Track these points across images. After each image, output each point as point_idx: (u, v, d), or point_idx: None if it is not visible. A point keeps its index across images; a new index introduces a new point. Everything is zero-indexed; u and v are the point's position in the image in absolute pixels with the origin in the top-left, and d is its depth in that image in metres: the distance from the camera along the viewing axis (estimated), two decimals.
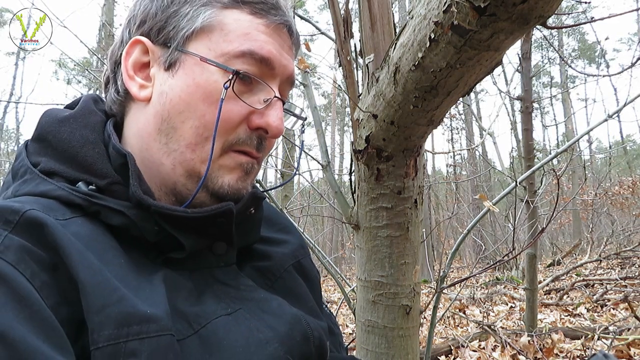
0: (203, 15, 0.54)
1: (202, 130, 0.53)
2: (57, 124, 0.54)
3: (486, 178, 12.91)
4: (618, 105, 2.61)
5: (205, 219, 0.52)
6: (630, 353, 2.99)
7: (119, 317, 0.41)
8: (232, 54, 0.54)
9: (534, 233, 4.02)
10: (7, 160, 13.61)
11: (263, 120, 0.56)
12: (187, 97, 0.53)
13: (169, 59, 0.55)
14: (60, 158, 0.52)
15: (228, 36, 0.54)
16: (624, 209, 10.59)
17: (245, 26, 0.55)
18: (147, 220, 0.50)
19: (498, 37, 0.75)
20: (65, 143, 0.52)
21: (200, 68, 0.54)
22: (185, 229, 0.52)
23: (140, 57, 0.56)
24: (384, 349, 1.26)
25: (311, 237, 3.92)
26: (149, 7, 0.56)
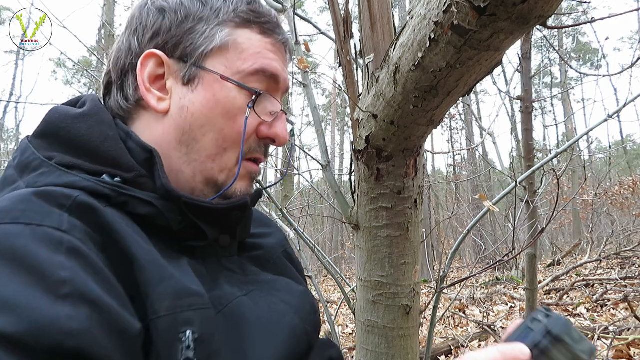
0: (220, 35, 0.59)
1: (222, 142, 0.59)
2: (71, 120, 0.56)
3: (486, 178, 12.91)
4: (618, 105, 2.61)
5: (226, 211, 0.59)
6: (630, 353, 2.99)
7: (175, 290, 0.47)
8: (247, 72, 0.60)
9: (534, 233, 4.02)
10: (7, 160, 13.62)
11: (272, 131, 0.63)
12: (208, 112, 0.58)
13: (188, 75, 0.59)
14: (77, 152, 0.54)
15: (242, 55, 0.60)
16: (624, 209, 10.59)
17: (257, 45, 0.61)
18: (172, 210, 0.54)
19: (498, 37, 0.75)
20: (83, 138, 0.54)
21: (220, 85, 0.59)
22: (207, 219, 0.57)
23: (155, 70, 0.60)
24: (384, 349, 1.26)
25: (311, 237, 3.92)
26: (161, 20, 0.60)
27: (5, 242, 0.40)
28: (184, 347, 0.45)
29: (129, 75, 0.61)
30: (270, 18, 0.64)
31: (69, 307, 0.38)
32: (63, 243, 0.42)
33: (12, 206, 0.44)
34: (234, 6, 0.61)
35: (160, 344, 0.45)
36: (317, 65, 16.53)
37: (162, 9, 0.60)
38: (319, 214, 9.32)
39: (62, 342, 0.37)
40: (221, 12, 0.60)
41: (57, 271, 0.40)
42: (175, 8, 0.60)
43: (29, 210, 0.44)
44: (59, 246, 0.42)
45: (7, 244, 0.40)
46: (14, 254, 0.40)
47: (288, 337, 0.56)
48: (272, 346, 0.54)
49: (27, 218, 0.43)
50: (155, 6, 0.61)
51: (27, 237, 0.41)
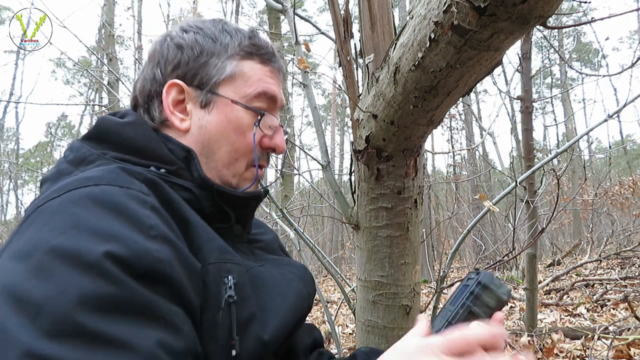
0: (229, 67, 0.74)
1: (234, 153, 0.74)
2: (120, 126, 0.69)
3: (486, 178, 12.90)
4: (618, 105, 2.61)
5: (246, 199, 0.74)
6: (630, 353, 2.99)
7: (219, 247, 0.63)
8: (252, 95, 0.75)
9: (534, 233, 4.02)
10: (7, 160, 13.60)
11: (272, 142, 0.78)
12: (222, 130, 0.73)
13: (204, 100, 0.74)
14: (126, 150, 0.67)
15: (247, 82, 0.75)
16: (624, 209, 10.58)
17: (258, 73, 0.76)
18: (205, 197, 0.69)
19: (498, 37, 0.75)
20: (131, 140, 0.68)
21: (231, 107, 0.73)
22: (231, 205, 0.72)
23: (177, 96, 0.74)
24: (384, 349, 1.26)
25: (311, 237, 3.91)
26: (180, 55, 0.74)
27: (107, 196, 0.54)
28: (227, 288, 0.60)
29: (154, 100, 0.75)
30: (268, 49, 0.78)
31: (157, 244, 0.53)
32: (147, 202, 0.57)
33: (105, 175, 0.58)
34: (239, 41, 0.75)
35: (211, 283, 0.59)
36: (317, 65, 16.53)
37: (180, 46, 0.74)
38: (319, 214, 9.32)
39: (154, 265, 0.51)
40: (229, 47, 0.75)
41: (147, 219, 0.54)
42: (191, 45, 0.74)
43: (119, 178, 0.58)
44: (144, 204, 0.56)
45: (108, 198, 0.54)
46: (115, 205, 0.53)
47: (295, 298, 0.71)
48: (284, 302, 0.69)
49: (119, 182, 0.57)
50: (174, 43, 0.75)
51: (122, 195, 0.55)
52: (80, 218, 0.51)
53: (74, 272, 0.46)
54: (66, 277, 0.46)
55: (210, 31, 0.76)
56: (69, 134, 22.18)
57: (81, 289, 0.45)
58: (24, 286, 0.45)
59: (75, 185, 0.55)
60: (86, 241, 0.48)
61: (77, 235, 0.49)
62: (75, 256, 0.47)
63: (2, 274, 0.48)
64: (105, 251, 0.48)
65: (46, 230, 0.50)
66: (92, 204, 0.52)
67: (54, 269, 0.46)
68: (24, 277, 0.46)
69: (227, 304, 0.59)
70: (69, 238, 0.48)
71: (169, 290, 0.52)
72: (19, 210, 15.51)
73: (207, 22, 0.78)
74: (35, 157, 20.40)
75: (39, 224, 0.51)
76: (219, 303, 0.59)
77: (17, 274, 0.46)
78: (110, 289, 0.46)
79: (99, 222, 0.51)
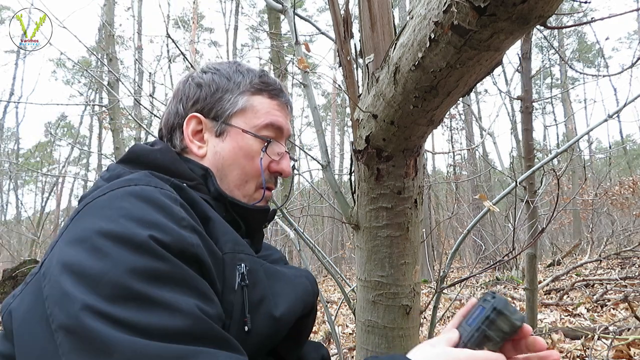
0: (241, 101, 0.86)
1: (244, 176, 0.85)
2: (149, 151, 0.81)
3: (486, 178, 12.89)
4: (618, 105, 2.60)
5: (256, 212, 0.85)
6: (630, 353, 2.99)
7: (234, 239, 0.73)
8: (260, 126, 0.86)
9: (534, 233, 4.02)
10: (7, 160, 13.59)
11: (279, 167, 0.89)
12: (233, 155, 0.84)
13: (219, 129, 0.85)
14: (154, 168, 0.77)
15: (257, 114, 0.86)
16: (624, 209, 10.58)
17: (266, 106, 0.88)
18: (220, 208, 0.80)
19: (498, 37, 0.75)
20: (159, 161, 0.79)
21: (242, 136, 0.85)
22: (243, 216, 0.83)
23: (196, 127, 0.86)
24: (384, 349, 1.26)
25: (311, 237, 3.91)
26: (199, 92, 0.86)
27: (146, 193, 0.64)
28: (239, 273, 0.69)
29: (177, 131, 0.87)
30: (275, 85, 0.90)
31: (189, 232, 0.63)
32: (177, 200, 0.67)
33: (142, 177, 0.69)
34: (250, 79, 0.87)
35: (227, 269, 0.69)
36: (317, 65, 16.52)
37: (200, 84, 0.87)
38: (319, 214, 9.32)
39: (188, 248, 0.61)
40: (241, 84, 0.87)
41: (179, 212, 0.64)
42: (209, 83, 0.86)
43: (153, 180, 0.69)
44: (175, 200, 0.66)
45: (147, 194, 0.64)
46: (153, 201, 0.64)
47: (303, 294, 0.80)
48: (294, 291, 0.78)
49: (154, 183, 0.68)
50: (194, 82, 0.88)
51: (158, 193, 0.65)
52: (126, 210, 0.61)
53: (125, 250, 0.56)
54: (120, 254, 0.56)
55: (225, 71, 0.88)
56: (69, 134, 22.18)
57: (133, 263, 0.55)
58: (84, 264, 0.55)
59: (119, 185, 0.66)
60: (134, 227, 0.59)
61: (125, 223, 0.59)
62: (126, 238, 0.57)
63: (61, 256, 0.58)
64: (149, 234, 0.58)
65: (98, 219, 0.60)
66: (135, 199, 0.63)
67: (109, 249, 0.56)
68: (83, 257, 0.56)
69: (240, 287, 0.68)
70: (119, 224, 0.59)
71: (200, 269, 0.62)
72: (19, 210, 15.51)
73: (224, 63, 0.91)
74: (35, 157, 20.39)
75: (91, 216, 0.62)
76: (233, 286, 0.68)
77: (76, 255, 0.57)
78: (156, 263, 0.57)
79: (142, 213, 0.61)
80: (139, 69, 13.56)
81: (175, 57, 13.11)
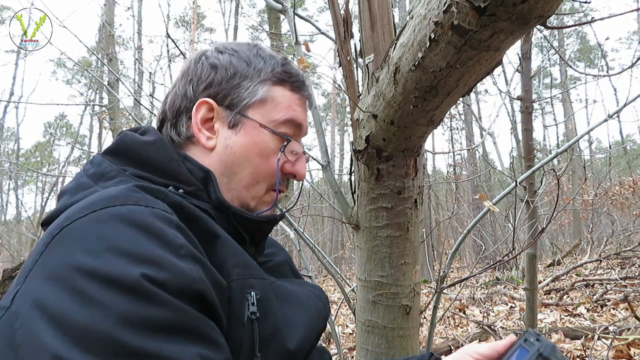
0: (260, 91, 0.75)
1: (255, 176, 0.75)
2: (141, 144, 0.69)
3: (486, 178, 12.89)
4: (618, 105, 2.60)
5: (261, 223, 0.75)
6: (630, 353, 2.99)
7: (243, 261, 0.64)
8: (279, 121, 0.76)
9: (534, 233, 4.02)
10: (7, 160, 13.59)
11: (294, 169, 0.79)
12: (247, 152, 0.74)
13: (233, 120, 0.75)
14: (146, 168, 0.67)
15: (276, 107, 0.76)
16: (624, 209, 10.58)
17: (287, 100, 0.78)
18: (222, 218, 0.70)
19: (498, 37, 0.75)
20: (152, 158, 0.68)
21: (258, 131, 0.75)
22: (246, 227, 0.73)
23: (206, 114, 0.75)
24: (384, 349, 1.26)
25: (311, 237, 3.91)
26: (213, 75, 0.75)
27: (134, 216, 0.54)
28: (249, 304, 0.61)
29: (183, 115, 0.76)
30: (299, 77, 0.80)
31: (189, 263, 0.54)
32: (172, 221, 0.57)
33: (130, 194, 0.58)
34: (272, 67, 0.77)
35: (234, 299, 0.61)
36: (317, 65, 16.51)
37: (215, 66, 0.75)
38: (319, 214, 9.32)
39: (189, 285, 0.52)
40: (262, 72, 0.76)
41: (175, 239, 0.55)
42: (226, 66, 0.75)
43: (143, 197, 0.58)
44: (170, 222, 0.57)
45: (136, 218, 0.54)
46: (144, 225, 0.54)
47: (316, 316, 0.73)
48: (307, 317, 0.71)
49: (144, 202, 0.57)
50: (208, 62, 0.76)
51: (148, 215, 0.55)
52: (112, 240, 0.52)
53: (114, 294, 0.47)
54: (108, 300, 0.47)
55: (245, 54, 0.77)
56: (68, 134, 22.18)
57: (124, 311, 0.47)
58: (66, 311, 0.46)
59: (102, 205, 0.55)
60: (122, 264, 0.49)
61: (112, 258, 0.50)
62: (114, 279, 0.48)
63: (38, 296, 0.48)
64: (141, 273, 0.49)
65: (78, 252, 0.50)
66: (122, 225, 0.53)
67: (95, 293, 0.47)
68: (64, 302, 0.47)
69: (249, 321, 0.60)
70: (104, 261, 0.49)
71: (204, 308, 0.54)
72: (19, 210, 15.51)
73: (243, 45, 0.80)
74: (35, 157, 20.39)
75: (69, 246, 0.52)
76: (242, 319, 0.60)
77: (55, 298, 0.47)
78: (151, 308, 0.48)
79: (131, 244, 0.51)
80: (139, 69, 13.57)
81: (175, 57, 13.11)
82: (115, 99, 7.24)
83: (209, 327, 0.54)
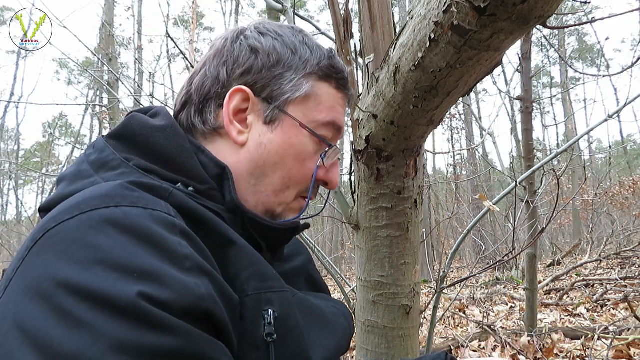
0: (305, 86, 0.66)
1: (287, 181, 0.66)
2: (150, 129, 0.60)
3: (486, 178, 12.90)
4: (618, 105, 2.60)
5: (281, 231, 0.66)
6: (630, 353, 2.99)
7: (260, 272, 0.55)
8: (321, 122, 0.68)
9: (534, 233, 4.02)
10: (7, 160, 13.59)
11: (328, 176, 0.71)
12: (282, 152, 0.65)
13: (270, 115, 0.66)
14: (153, 159, 0.58)
15: (319, 107, 0.68)
16: (624, 209, 10.58)
17: (332, 99, 0.69)
18: (235, 222, 0.61)
19: (498, 37, 0.75)
20: (161, 147, 0.59)
21: (297, 130, 0.66)
22: (264, 235, 0.64)
23: (240, 104, 0.65)
24: (384, 349, 1.26)
25: (311, 237, 3.91)
26: (253, 60, 0.65)
27: (131, 221, 0.46)
28: (266, 323, 0.52)
29: (212, 102, 0.66)
30: (344, 74, 0.71)
31: (195, 278, 0.46)
32: (176, 225, 0.49)
33: (126, 193, 0.49)
34: (318, 59, 0.68)
35: (248, 318, 0.52)
36: None
37: (256, 49, 0.66)
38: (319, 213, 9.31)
39: (195, 304, 0.44)
40: (308, 64, 0.67)
41: (179, 248, 0.47)
42: (269, 51, 0.66)
43: (142, 197, 0.50)
44: (173, 228, 0.48)
45: (132, 223, 0.46)
46: (142, 232, 0.46)
47: (342, 336, 0.66)
48: (334, 341, 0.63)
49: (143, 203, 0.49)
50: (248, 44, 0.66)
51: (147, 219, 0.47)
52: (103, 249, 0.43)
53: (106, 317, 0.40)
54: (98, 323, 0.39)
55: (290, 40, 0.68)
56: (67, 134, 22.20)
57: (116, 336, 0.39)
58: (50, 334, 0.39)
59: (92, 206, 0.47)
60: (115, 280, 0.42)
61: (103, 273, 0.42)
62: (105, 299, 0.41)
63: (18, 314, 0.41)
64: (138, 291, 0.41)
65: (64, 263, 0.43)
66: (115, 231, 0.45)
67: (83, 314, 0.40)
68: (47, 323, 0.40)
69: (264, 344, 0.52)
70: (94, 276, 0.42)
71: (213, 328, 0.46)
72: (19, 210, 15.52)
73: (286, 29, 0.70)
74: (36, 156, 20.40)
75: (54, 254, 0.44)
76: (256, 341, 0.52)
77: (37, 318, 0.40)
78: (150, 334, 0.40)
79: (126, 255, 0.44)
80: (139, 69, 13.57)
81: (175, 57, 13.12)
82: (115, 99, 7.24)
83: (220, 351, 0.45)
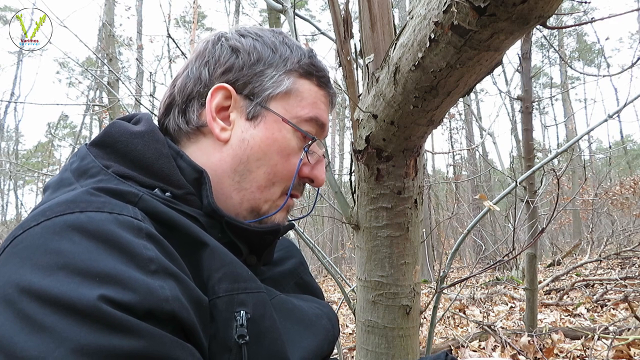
0: (286, 82, 0.68)
1: (272, 176, 0.67)
2: (129, 135, 0.61)
3: (486, 178, 12.90)
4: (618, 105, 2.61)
5: (261, 234, 0.66)
6: (630, 353, 2.99)
7: (232, 273, 0.55)
8: (303, 118, 0.69)
9: (534, 233, 4.02)
10: (7, 160, 13.60)
11: (312, 173, 0.71)
12: (265, 148, 0.66)
13: (252, 112, 0.67)
14: (132, 165, 0.59)
15: (301, 102, 0.69)
16: (624, 209, 10.58)
17: (314, 96, 0.71)
18: (214, 227, 0.61)
19: (498, 37, 0.75)
20: (139, 153, 0.60)
21: (279, 126, 0.67)
22: (243, 239, 0.64)
23: (222, 102, 0.67)
24: (384, 349, 1.26)
25: (311, 237, 3.91)
26: (234, 59, 0.67)
27: (95, 225, 0.46)
28: (238, 325, 0.52)
29: (194, 101, 0.67)
30: (325, 73, 0.74)
31: (160, 280, 0.46)
32: (142, 229, 0.49)
33: (92, 198, 0.50)
34: (299, 58, 0.71)
35: (219, 320, 0.52)
36: None
37: (236, 49, 0.68)
38: (319, 214, 9.32)
39: (159, 306, 0.44)
40: (289, 61, 0.69)
41: (144, 251, 0.47)
42: (249, 50, 0.68)
43: (108, 202, 0.50)
44: (139, 232, 0.48)
45: (96, 227, 0.46)
46: (105, 236, 0.46)
47: (323, 338, 0.65)
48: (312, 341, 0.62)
49: (108, 208, 0.49)
50: (229, 44, 0.68)
51: (112, 223, 0.47)
52: (66, 254, 0.44)
53: (68, 322, 0.40)
54: (59, 327, 0.40)
55: (270, 40, 0.70)
56: (70, 134, 22.21)
57: (78, 341, 0.39)
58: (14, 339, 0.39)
59: (57, 212, 0.47)
60: (77, 284, 0.42)
61: (65, 277, 0.42)
62: (66, 303, 0.41)
63: None
64: (100, 295, 0.41)
65: (27, 269, 0.43)
66: (79, 236, 0.45)
67: (45, 319, 0.40)
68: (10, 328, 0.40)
69: (236, 346, 0.51)
70: (56, 281, 0.42)
71: (180, 330, 0.46)
72: (19, 210, 15.52)
73: (266, 31, 0.72)
74: (36, 156, 20.41)
75: (19, 260, 0.44)
76: (228, 343, 0.51)
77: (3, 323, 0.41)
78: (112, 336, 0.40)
79: (88, 259, 0.44)
80: (139, 69, 13.57)
81: (176, 57, 13.12)
82: (115, 98, 7.25)
83: (186, 353, 0.45)
